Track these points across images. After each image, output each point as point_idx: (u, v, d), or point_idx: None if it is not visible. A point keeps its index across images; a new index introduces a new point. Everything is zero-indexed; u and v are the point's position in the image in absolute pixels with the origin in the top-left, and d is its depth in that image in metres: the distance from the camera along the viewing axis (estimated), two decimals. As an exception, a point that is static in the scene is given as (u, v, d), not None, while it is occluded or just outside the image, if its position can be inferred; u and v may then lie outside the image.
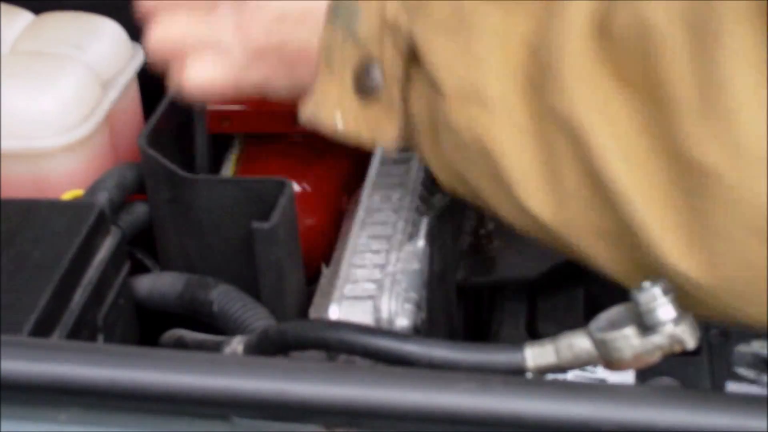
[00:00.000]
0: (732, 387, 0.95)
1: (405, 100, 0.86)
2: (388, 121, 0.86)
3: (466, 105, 0.80)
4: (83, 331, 0.91)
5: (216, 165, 1.17)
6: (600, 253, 0.78)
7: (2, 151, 1.07)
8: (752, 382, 0.95)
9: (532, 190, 0.78)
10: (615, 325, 0.75)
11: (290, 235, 1.01)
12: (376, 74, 0.86)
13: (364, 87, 0.86)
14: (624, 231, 0.75)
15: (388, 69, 0.85)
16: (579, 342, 0.77)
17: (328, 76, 0.87)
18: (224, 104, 1.12)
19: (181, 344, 0.99)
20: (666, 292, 0.74)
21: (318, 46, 0.87)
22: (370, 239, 0.97)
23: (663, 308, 0.74)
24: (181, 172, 1.03)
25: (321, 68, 0.87)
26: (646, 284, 0.74)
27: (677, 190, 0.73)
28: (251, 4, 0.91)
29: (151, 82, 1.18)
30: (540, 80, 0.78)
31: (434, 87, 0.82)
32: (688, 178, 0.72)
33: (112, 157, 1.14)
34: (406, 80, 0.85)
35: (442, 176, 0.86)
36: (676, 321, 0.74)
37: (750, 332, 1.00)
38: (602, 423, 0.68)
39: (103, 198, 1.04)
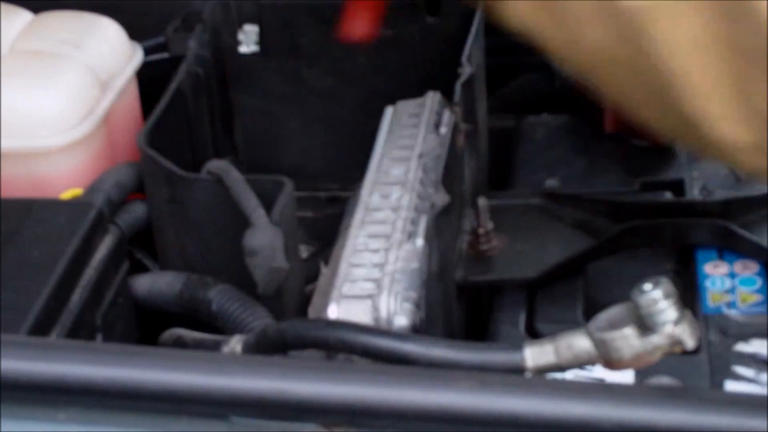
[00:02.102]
0: (732, 387, 0.95)
1: None
2: None
3: None
4: (82, 330, 0.91)
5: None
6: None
7: (2, 151, 1.07)
8: (752, 381, 0.95)
9: None
10: (614, 325, 0.75)
11: (289, 234, 1.01)
12: None
13: None
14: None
15: None
16: (578, 342, 0.77)
17: None
18: None
19: (180, 343, 0.99)
20: (666, 295, 0.74)
21: None
22: (369, 238, 0.97)
23: (663, 310, 0.74)
24: (179, 172, 1.03)
25: None
26: (647, 286, 0.74)
27: None
28: None
29: (151, 82, 1.18)
30: None
31: None
32: None
33: (110, 157, 1.14)
34: None
35: None
36: (676, 321, 0.74)
37: (749, 331, 1.00)
38: (602, 423, 0.67)
39: (101, 197, 1.04)
